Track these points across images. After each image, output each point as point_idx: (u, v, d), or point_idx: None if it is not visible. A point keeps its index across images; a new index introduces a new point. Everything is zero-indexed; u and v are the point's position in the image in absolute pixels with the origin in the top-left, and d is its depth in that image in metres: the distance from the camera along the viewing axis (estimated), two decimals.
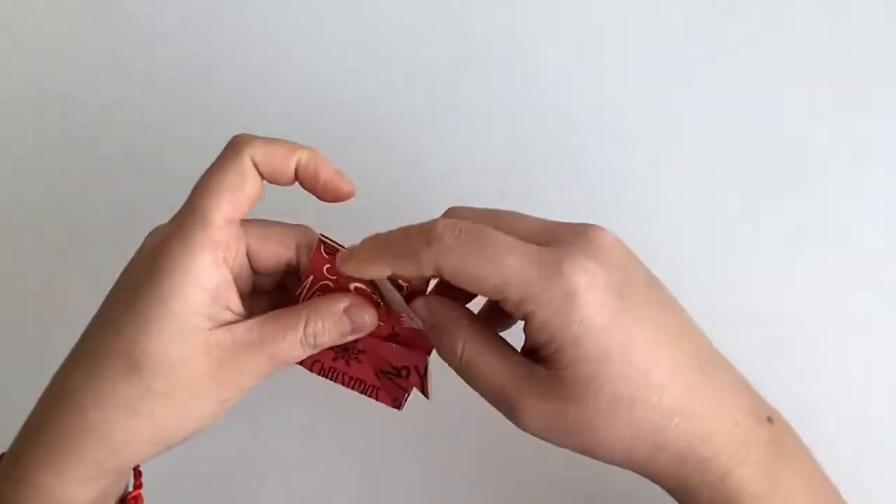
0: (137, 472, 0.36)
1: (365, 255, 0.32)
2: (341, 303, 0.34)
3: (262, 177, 0.33)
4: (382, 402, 0.36)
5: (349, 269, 0.33)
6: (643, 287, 0.32)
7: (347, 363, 0.36)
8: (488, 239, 0.31)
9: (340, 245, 0.34)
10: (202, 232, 0.31)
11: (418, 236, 0.31)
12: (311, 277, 0.34)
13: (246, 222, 0.33)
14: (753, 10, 0.48)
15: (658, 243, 0.38)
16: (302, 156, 0.33)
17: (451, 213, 0.34)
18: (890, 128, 0.47)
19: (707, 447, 0.31)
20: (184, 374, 0.31)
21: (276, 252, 0.34)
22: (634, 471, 0.32)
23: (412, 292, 0.34)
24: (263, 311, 0.34)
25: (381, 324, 0.35)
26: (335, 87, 0.49)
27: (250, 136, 0.33)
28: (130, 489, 0.36)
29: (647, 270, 0.33)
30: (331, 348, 0.35)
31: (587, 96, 0.48)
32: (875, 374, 0.45)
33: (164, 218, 0.33)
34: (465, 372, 0.33)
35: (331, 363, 0.36)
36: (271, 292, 0.36)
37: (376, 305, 0.34)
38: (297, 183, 0.34)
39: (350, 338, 0.34)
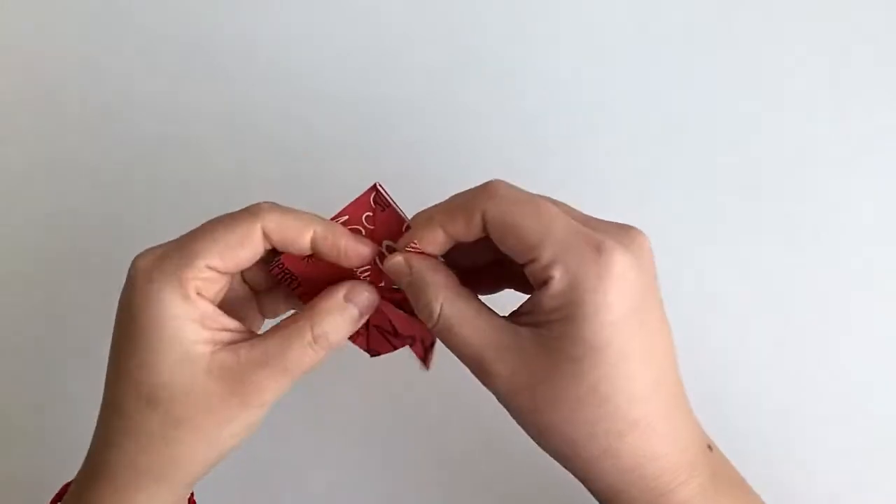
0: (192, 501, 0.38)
1: (421, 218, 0.33)
2: (338, 293, 0.34)
3: (274, 245, 0.33)
4: (358, 345, 0.36)
5: (407, 238, 0.33)
6: (656, 301, 0.32)
7: None
8: (539, 202, 0.31)
9: (394, 201, 0.34)
10: (180, 271, 0.32)
11: (473, 190, 0.32)
12: (346, 217, 0.34)
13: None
14: (753, 10, 0.48)
15: (658, 243, 0.38)
16: (317, 229, 0.33)
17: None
18: (890, 128, 0.47)
19: (654, 465, 0.31)
20: (197, 401, 0.32)
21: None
22: (570, 468, 0.32)
23: None
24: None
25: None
26: (335, 86, 0.49)
27: (270, 206, 0.33)
28: None
29: (659, 288, 0.33)
30: None
31: (587, 96, 0.48)
32: (875, 374, 0.45)
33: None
34: (443, 333, 0.32)
35: None
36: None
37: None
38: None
39: (363, 320, 0.34)
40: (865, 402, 0.45)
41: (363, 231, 0.34)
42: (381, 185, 0.34)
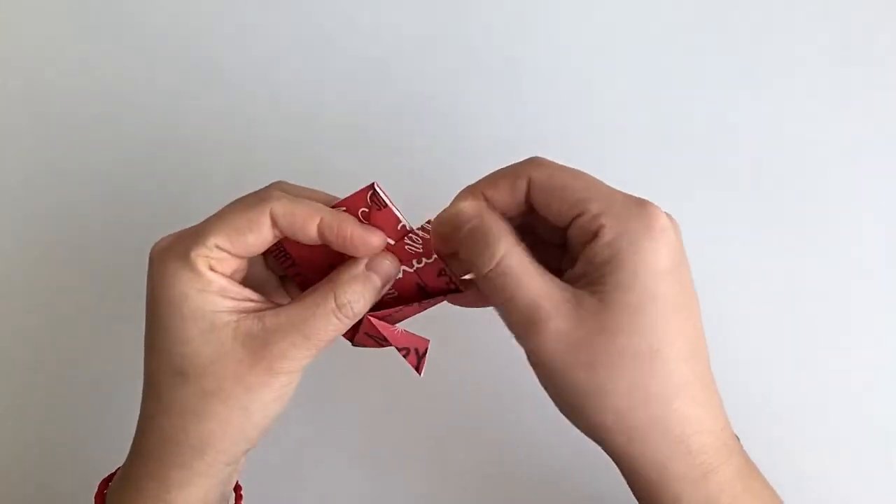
0: (238, 493, 0.39)
1: (464, 189, 0.34)
2: (360, 263, 0.34)
3: (282, 232, 0.34)
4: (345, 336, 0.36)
5: (441, 217, 0.34)
6: (688, 267, 0.33)
7: None
8: (582, 171, 0.33)
9: (392, 202, 0.34)
10: (192, 250, 0.33)
11: (517, 163, 0.33)
12: (344, 209, 0.34)
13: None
14: (753, 10, 0.48)
15: None
16: (325, 217, 0.33)
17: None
18: (890, 128, 0.47)
19: (699, 440, 0.31)
20: (226, 369, 0.33)
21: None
22: (610, 442, 0.32)
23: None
24: None
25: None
26: (335, 86, 0.49)
27: (280, 193, 0.34)
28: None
29: None
30: None
31: (587, 96, 0.48)
32: (874, 374, 0.45)
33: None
34: (500, 279, 0.32)
35: None
36: None
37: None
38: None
39: (384, 290, 0.35)
40: (866, 401, 0.45)
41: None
42: (378, 185, 0.34)
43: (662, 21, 0.48)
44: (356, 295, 0.34)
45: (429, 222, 0.34)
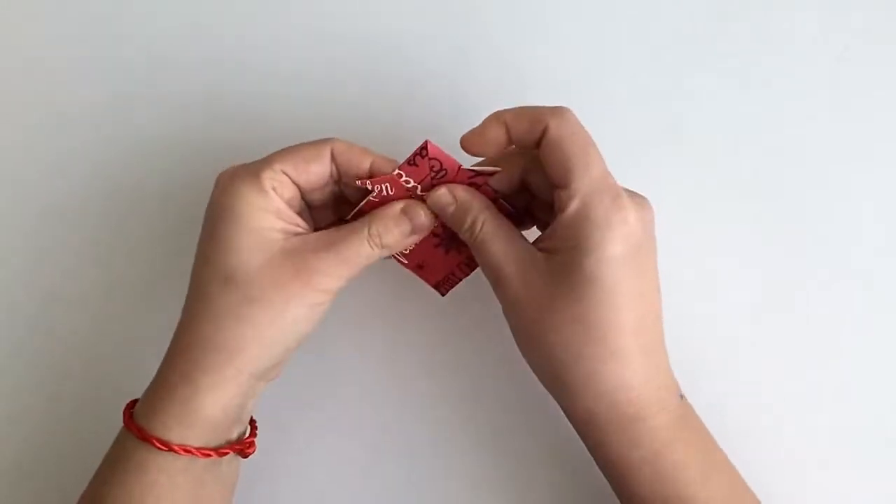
0: (253, 426, 0.42)
1: (490, 116, 0.38)
2: (397, 205, 0.39)
3: (338, 166, 0.39)
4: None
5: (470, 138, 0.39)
6: (651, 261, 0.37)
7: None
8: (591, 144, 0.37)
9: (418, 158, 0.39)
10: (259, 170, 0.38)
11: (544, 107, 0.37)
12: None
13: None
14: (753, 10, 0.48)
15: (658, 243, 0.38)
16: (376, 158, 0.39)
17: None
18: (890, 128, 0.47)
19: (628, 394, 0.36)
20: (270, 278, 0.37)
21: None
22: (554, 390, 0.38)
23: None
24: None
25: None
26: (336, 85, 0.49)
27: (339, 139, 0.40)
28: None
29: (655, 252, 0.38)
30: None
31: (586, 96, 0.48)
32: (874, 374, 0.45)
33: None
34: (478, 247, 0.39)
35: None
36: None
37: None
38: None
39: (411, 238, 0.40)
40: (866, 401, 0.45)
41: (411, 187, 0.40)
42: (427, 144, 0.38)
43: (662, 21, 0.48)
44: (386, 228, 0.39)
45: (424, 147, 0.39)
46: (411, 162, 0.38)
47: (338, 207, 0.42)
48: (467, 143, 0.39)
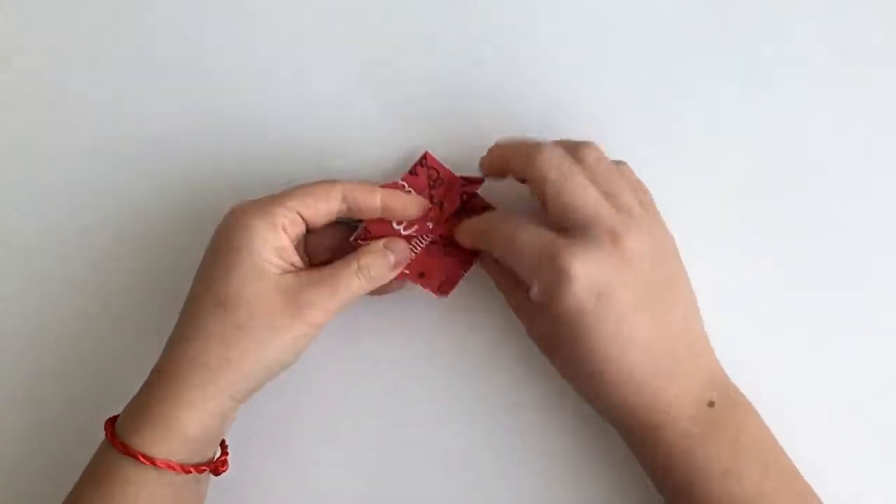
0: (224, 447, 0.43)
1: (496, 146, 0.44)
2: (381, 242, 0.43)
3: (348, 205, 0.42)
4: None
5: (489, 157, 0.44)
6: (622, 286, 0.38)
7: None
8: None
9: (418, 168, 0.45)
10: (274, 207, 0.41)
11: (576, 141, 0.42)
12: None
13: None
14: (753, 11, 0.48)
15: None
16: (382, 192, 0.43)
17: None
18: (890, 128, 0.47)
19: (629, 410, 0.39)
20: (260, 308, 0.39)
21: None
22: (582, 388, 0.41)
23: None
24: None
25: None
26: (336, 87, 0.49)
27: (342, 180, 0.43)
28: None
29: (660, 270, 0.40)
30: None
31: (586, 96, 0.48)
32: (874, 374, 0.45)
33: None
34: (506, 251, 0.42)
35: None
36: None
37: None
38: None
39: (396, 270, 0.43)
40: (866, 401, 0.45)
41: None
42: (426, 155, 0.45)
43: (663, 21, 0.48)
44: (373, 262, 0.42)
45: (424, 157, 0.45)
46: (412, 172, 0.44)
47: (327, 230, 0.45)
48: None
